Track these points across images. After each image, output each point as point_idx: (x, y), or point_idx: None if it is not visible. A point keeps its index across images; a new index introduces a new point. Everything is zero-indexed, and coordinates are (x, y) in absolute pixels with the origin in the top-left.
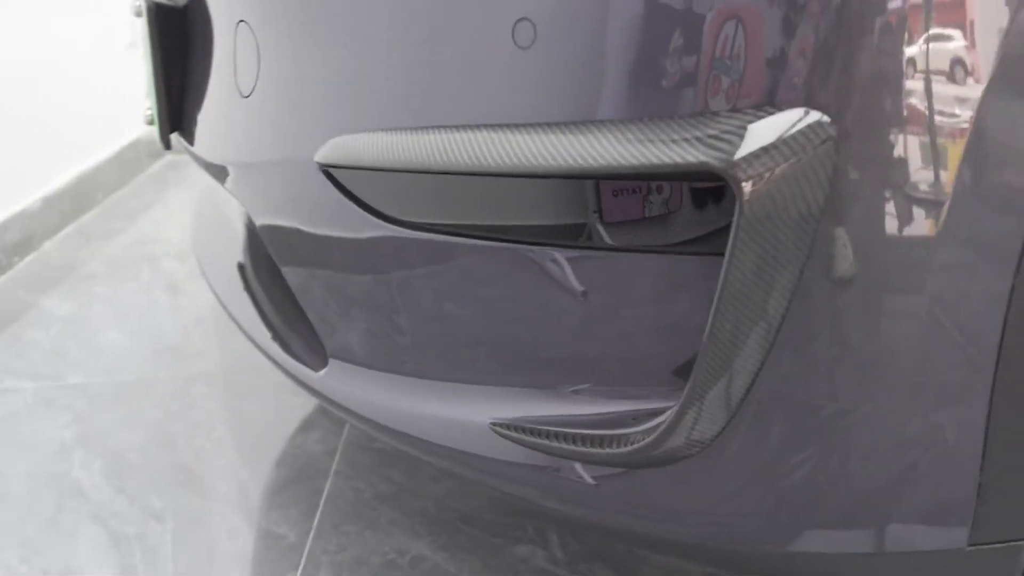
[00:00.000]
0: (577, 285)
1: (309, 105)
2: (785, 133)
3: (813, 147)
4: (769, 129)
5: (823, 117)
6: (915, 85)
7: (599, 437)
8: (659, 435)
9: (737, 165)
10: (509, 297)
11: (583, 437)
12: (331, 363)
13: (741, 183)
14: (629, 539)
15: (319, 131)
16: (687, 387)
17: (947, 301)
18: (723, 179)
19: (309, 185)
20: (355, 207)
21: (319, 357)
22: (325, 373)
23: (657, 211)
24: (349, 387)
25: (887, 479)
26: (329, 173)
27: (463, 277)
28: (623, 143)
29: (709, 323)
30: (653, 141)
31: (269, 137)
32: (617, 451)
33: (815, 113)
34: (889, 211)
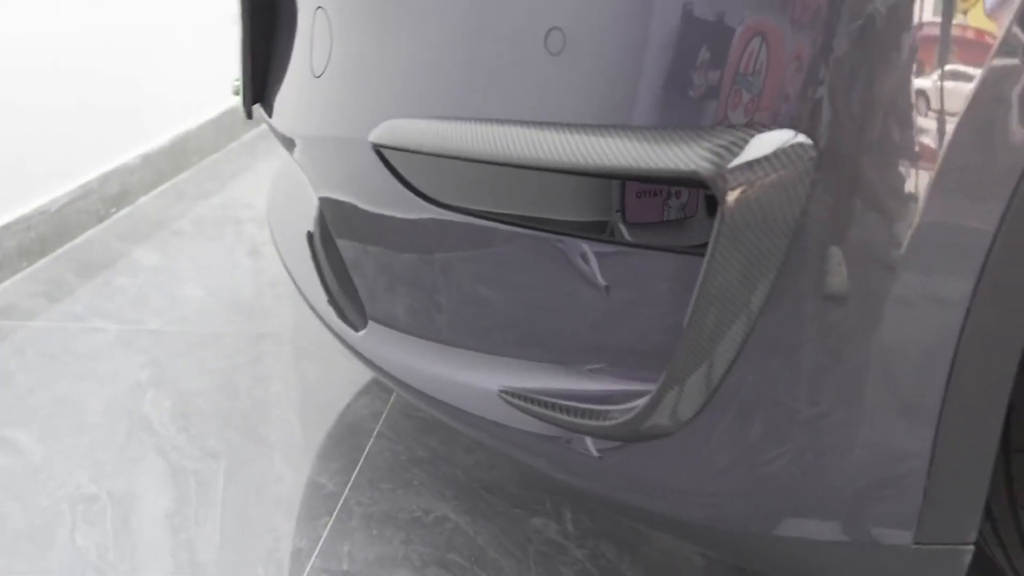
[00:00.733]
0: (600, 276)
1: (369, 89)
2: (768, 151)
3: (793, 165)
4: (754, 146)
5: (805, 139)
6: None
7: (589, 410)
8: (640, 412)
9: (722, 176)
10: (538, 281)
11: (575, 409)
12: (370, 325)
13: (724, 192)
14: (630, 514)
15: (375, 113)
16: (666, 370)
17: (905, 320)
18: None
19: (362, 162)
20: (401, 186)
21: (361, 319)
22: (364, 334)
23: (674, 215)
24: (382, 348)
25: (849, 476)
26: (380, 153)
27: (496, 259)
28: (627, 147)
29: (688, 313)
30: (652, 147)
31: (332, 115)
32: (602, 423)
33: (798, 135)
34: (858, 230)
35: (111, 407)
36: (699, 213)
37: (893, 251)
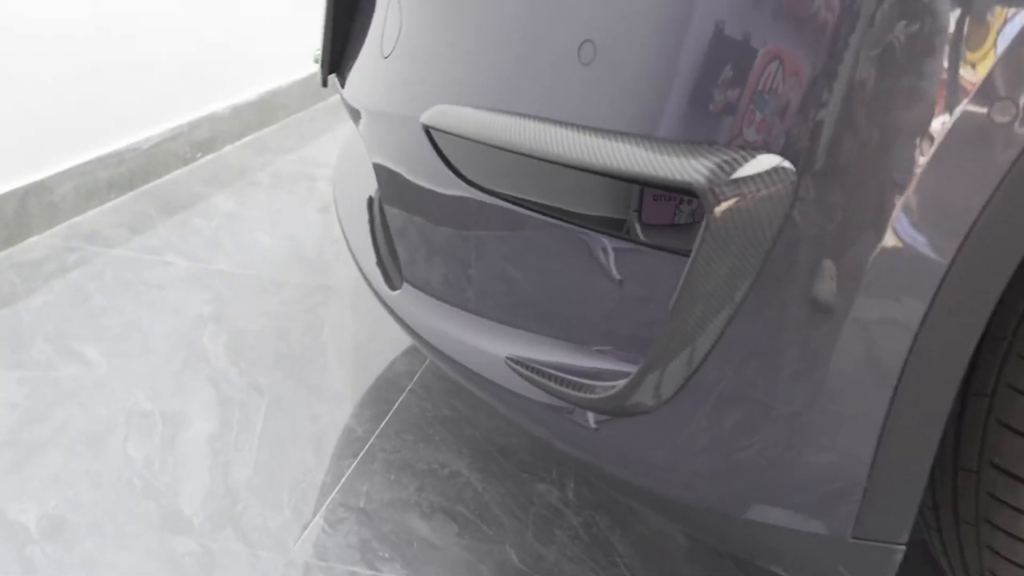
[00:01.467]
0: (615, 269)
1: (426, 74)
2: (754, 172)
3: (775, 186)
4: (743, 167)
5: (788, 164)
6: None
7: (580, 383)
8: (623, 388)
9: (711, 190)
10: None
11: (568, 380)
12: (404, 286)
13: (711, 204)
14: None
15: (429, 97)
16: (648, 354)
17: (859, 337)
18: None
19: (414, 140)
20: (445, 166)
21: (398, 280)
22: (398, 294)
23: (684, 219)
24: (413, 307)
25: (804, 471)
26: (429, 133)
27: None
28: (637, 153)
29: (671, 305)
30: (657, 156)
31: (394, 94)
32: (589, 396)
33: (782, 160)
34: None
35: (173, 336)
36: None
37: (855, 273)
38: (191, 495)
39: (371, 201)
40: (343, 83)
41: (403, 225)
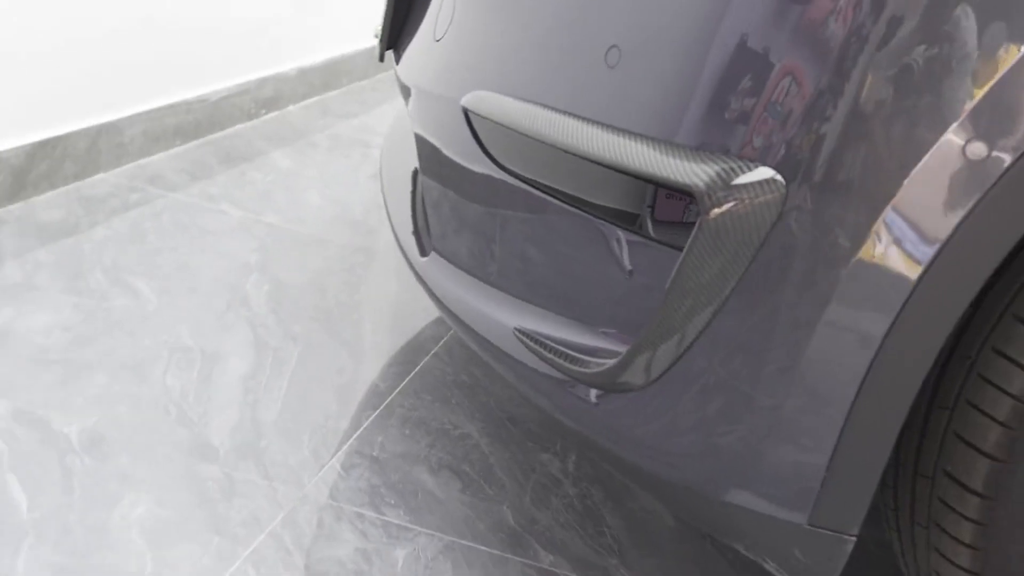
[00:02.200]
0: (627, 259)
1: (471, 61)
2: (748, 182)
3: (765, 196)
4: (739, 176)
5: (779, 176)
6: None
7: (575, 357)
8: (614, 366)
9: (707, 195)
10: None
11: (566, 354)
12: (432, 254)
13: (706, 207)
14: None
15: (470, 82)
16: (638, 337)
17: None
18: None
19: (453, 120)
20: (477, 146)
21: (427, 247)
22: (426, 260)
23: (692, 218)
24: (437, 274)
25: (774, 460)
26: (467, 115)
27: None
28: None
29: (664, 295)
30: (665, 157)
31: (440, 75)
32: (584, 370)
33: (775, 173)
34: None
35: (219, 279)
36: None
37: (831, 282)
38: (220, 427)
39: (415, 173)
40: (398, 60)
41: (436, 197)
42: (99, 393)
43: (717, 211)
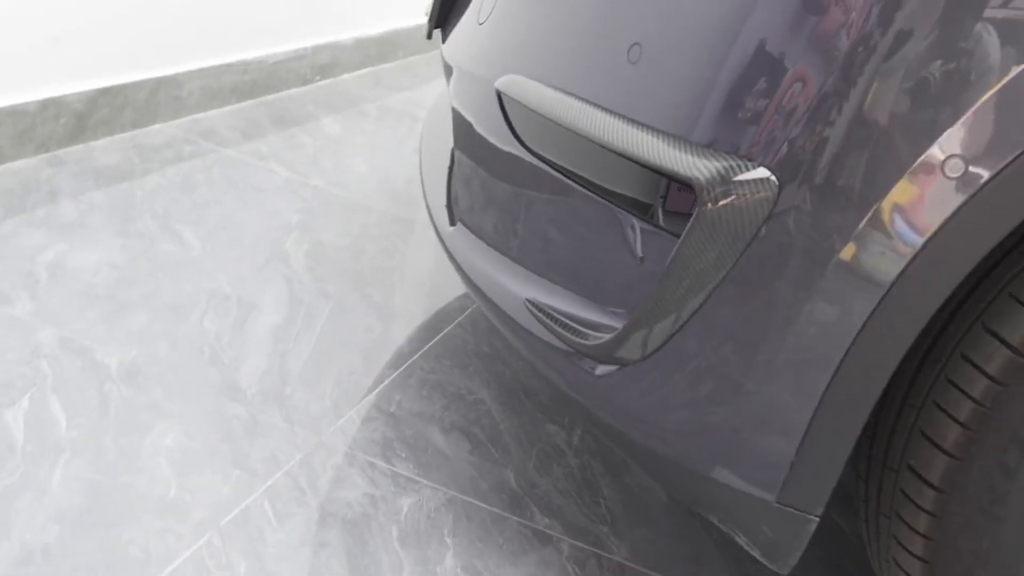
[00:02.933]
0: (640, 244)
1: (508, 46)
2: (744, 179)
3: (759, 194)
4: (737, 174)
5: (773, 177)
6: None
7: (576, 329)
8: (610, 339)
9: (707, 188)
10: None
11: (568, 326)
12: (458, 224)
13: (704, 200)
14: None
15: (505, 66)
16: (633, 315)
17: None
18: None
19: (487, 101)
20: (507, 127)
21: (454, 218)
22: (452, 230)
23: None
24: (460, 244)
25: (752, 440)
26: (500, 97)
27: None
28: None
29: (661, 277)
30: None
31: (480, 57)
32: (583, 342)
33: (769, 174)
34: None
35: (262, 235)
36: None
37: (813, 279)
38: (249, 371)
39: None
40: (444, 39)
41: (467, 172)
42: (140, 330)
43: (713, 203)
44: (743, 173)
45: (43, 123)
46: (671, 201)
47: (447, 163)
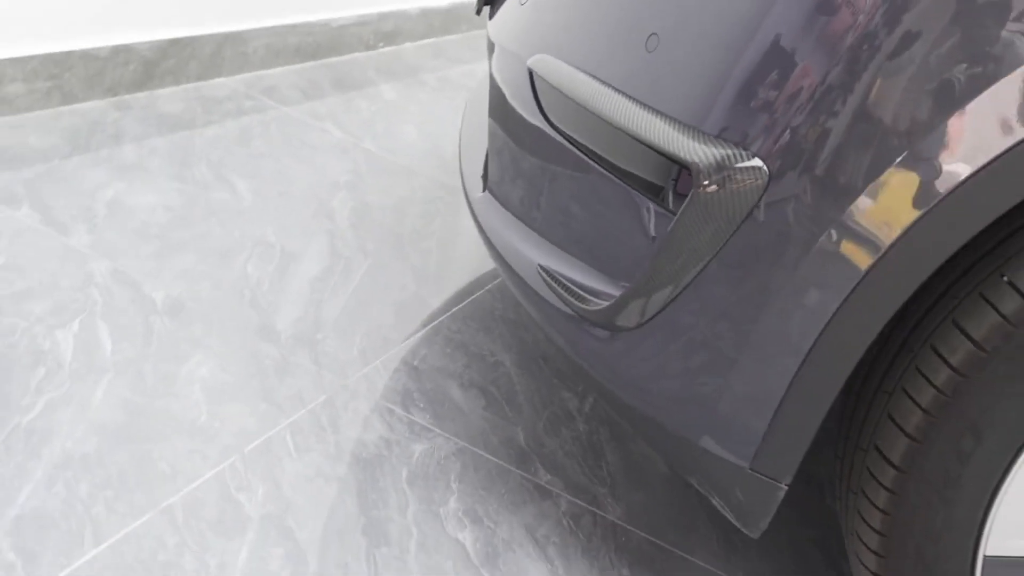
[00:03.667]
0: (652, 225)
1: (541, 27)
2: (738, 166)
3: (749, 181)
4: (732, 162)
5: (764, 166)
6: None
7: (580, 295)
8: (608, 306)
9: (703, 172)
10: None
11: (572, 291)
12: (486, 192)
13: (699, 182)
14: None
15: (539, 46)
16: (631, 285)
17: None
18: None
19: (520, 78)
20: (535, 104)
21: (484, 185)
22: (481, 196)
23: None
24: (486, 210)
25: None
26: (531, 74)
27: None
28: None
29: (654, 253)
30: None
31: (518, 36)
32: (585, 307)
33: (761, 163)
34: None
35: (310, 191)
36: None
37: (795, 263)
38: (285, 316)
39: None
40: (491, 16)
41: (498, 144)
42: (187, 269)
43: (708, 186)
44: (738, 161)
45: (113, 68)
46: (681, 184)
47: (487, 136)
